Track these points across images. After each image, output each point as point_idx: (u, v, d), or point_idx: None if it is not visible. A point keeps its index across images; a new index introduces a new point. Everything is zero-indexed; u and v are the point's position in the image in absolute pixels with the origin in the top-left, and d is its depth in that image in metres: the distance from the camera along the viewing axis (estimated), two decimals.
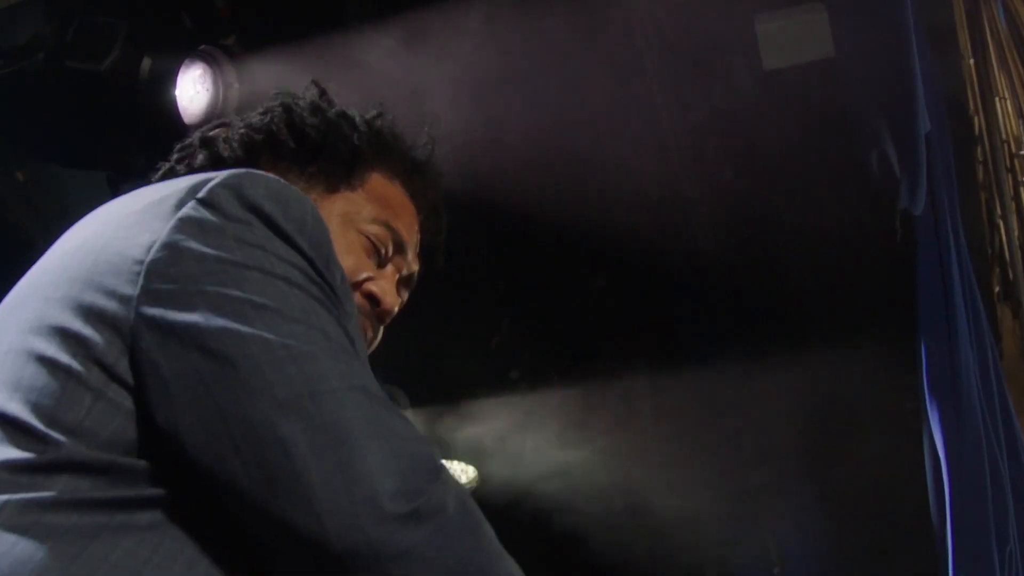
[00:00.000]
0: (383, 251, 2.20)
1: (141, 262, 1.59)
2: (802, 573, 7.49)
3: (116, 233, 1.67)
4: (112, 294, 1.58)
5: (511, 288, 7.67)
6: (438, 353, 6.96)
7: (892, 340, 6.53)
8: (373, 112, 2.35)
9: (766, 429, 6.91)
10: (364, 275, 2.15)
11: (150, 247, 1.60)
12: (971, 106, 6.95)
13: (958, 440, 6.07)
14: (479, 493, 8.08)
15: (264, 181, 1.72)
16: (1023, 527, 6.09)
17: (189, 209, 1.64)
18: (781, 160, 6.42)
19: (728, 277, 7.11)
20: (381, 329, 2.25)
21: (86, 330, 1.57)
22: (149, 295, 1.57)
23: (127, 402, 1.55)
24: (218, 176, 1.70)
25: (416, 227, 2.33)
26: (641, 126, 6.53)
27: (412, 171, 2.37)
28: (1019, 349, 6.88)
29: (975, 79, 6.87)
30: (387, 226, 2.21)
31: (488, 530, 1.63)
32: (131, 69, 5.22)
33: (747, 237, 6.93)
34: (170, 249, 1.60)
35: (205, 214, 1.64)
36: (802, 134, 6.37)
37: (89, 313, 1.58)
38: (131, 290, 1.57)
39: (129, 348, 1.56)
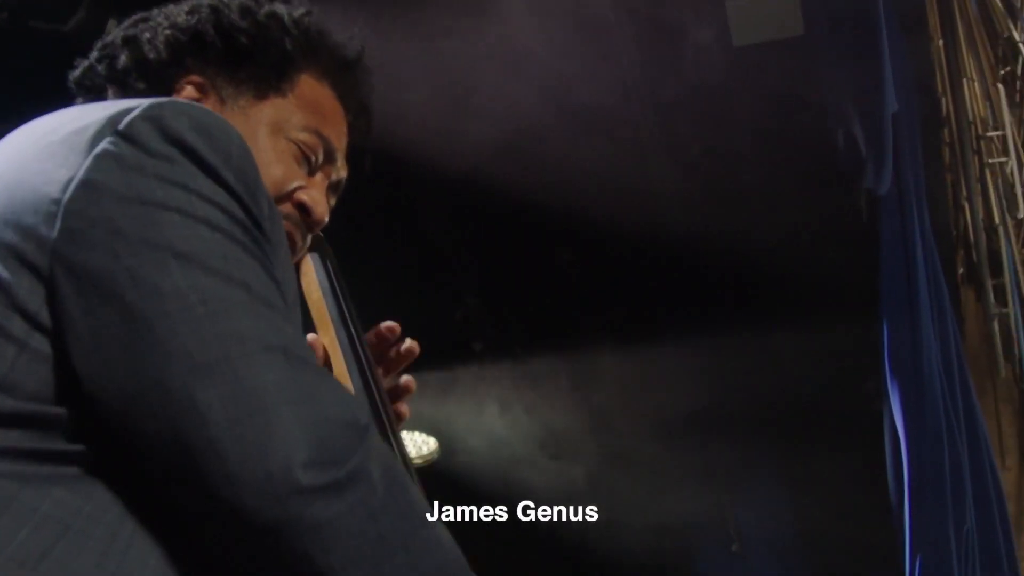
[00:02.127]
0: (313, 159, 2.10)
1: (58, 201, 1.49)
2: (760, 549, 7.52)
3: (32, 166, 1.56)
4: (30, 235, 1.49)
5: (476, 262, 7.62)
6: (404, 324, 6.84)
7: (855, 319, 6.58)
8: (302, 10, 2.21)
9: (728, 406, 6.88)
10: (294, 184, 2.05)
11: (67, 184, 1.50)
12: (939, 87, 6.97)
13: (918, 421, 6.11)
14: (440, 464, 8.06)
15: (187, 111, 1.60)
16: (980, 508, 6.09)
17: (108, 144, 1.53)
18: (749, 138, 6.37)
19: (693, 253, 7.03)
20: (309, 237, 2.14)
21: (6, 274, 1.48)
22: (66, 238, 1.47)
23: (51, 353, 1.47)
24: (138, 107, 1.58)
25: (345, 130, 2.22)
26: (610, 102, 6.45)
27: (342, 71, 2.25)
28: (981, 332, 6.94)
29: (944, 60, 6.90)
30: (318, 134, 2.10)
31: (416, 496, 1.56)
32: (96, 30, 5.08)
33: (713, 213, 6.85)
34: (88, 188, 1.49)
35: (125, 149, 1.53)
36: (770, 112, 6.32)
37: (8, 255, 1.49)
38: (48, 231, 1.48)
39: (48, 295, 1.47)
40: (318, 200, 2.10)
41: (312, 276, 2.25)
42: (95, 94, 2.09)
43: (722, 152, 6.41)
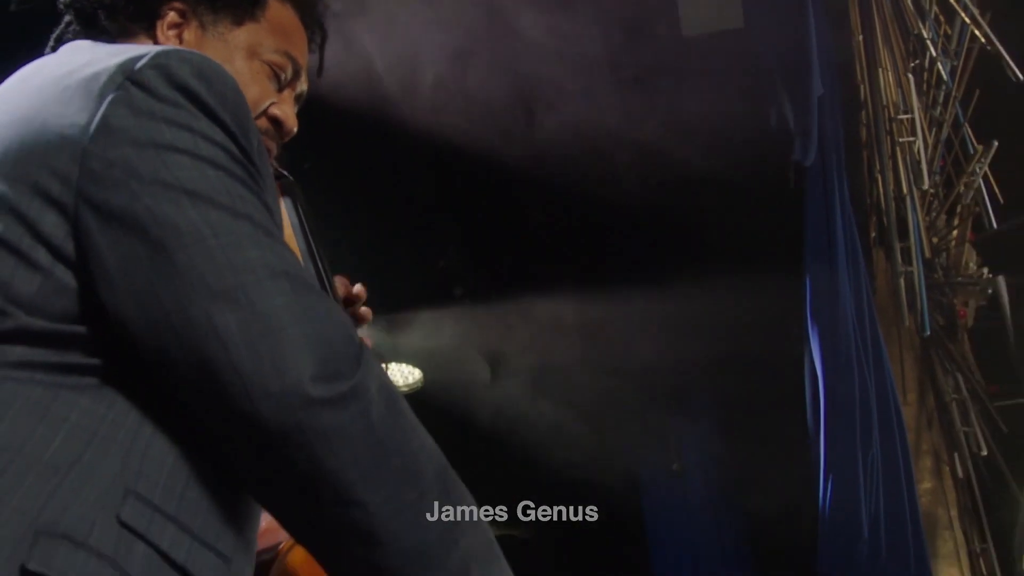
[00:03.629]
0: (283, 77, 2.16)
1: (80, 144, 1.57)
2: (698, 468, 7.55)
3: (53, 108, 1.63)
4: (55, 174, 1.57)
5: (458, 217, 7.81)
6: (393, 270, 6.96)
7: (782, 273, 6.77)
8: None
9: (672, 347, 6.97)
10: (268, 101, 2.12)
11: (87, 128, 1.58)
12: (858, 76, 7.23)
13: (833, 361, 6.41)
14: (422, 393, 8.28)
15: (189, 58, 1.67)
16: (884, 437, 6.34)
17: (121, 90, 1.61)
18: (696, 115, 6.49)
19: (646, 214, 7.23)
20: (280, 146, 2.22)
21: (32, 211, 1.56)
22: (89, 178, 1.56)
23: (74, 281, 1.55)
24: (146, 55, 1.66)
25: (306, 48, 2.29)
26: (577, 83, 6.62)
27: None
28: (889, 287, 7.11)
29: (862, 53, 7.14)
30: (287, 54, 2.17)
31: (406, 408, 1.65)
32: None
33: (664, 180, 7.04)
34: (105, 132, 1.57)
35: (136, 95, 1.61)
36: (714, 93, 6.51)
37: (35, 192, 1.57)
38: (72, 172, 1.56)
39: (73, 229, 1.55)
40: (288, 114, 2.17)
41: (284, 217, 2.30)
42: (85, 19, 2.07)
43: (672, 127, 6.52)
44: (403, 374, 8.38)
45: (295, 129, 2.19)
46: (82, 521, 1.43)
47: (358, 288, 2.51)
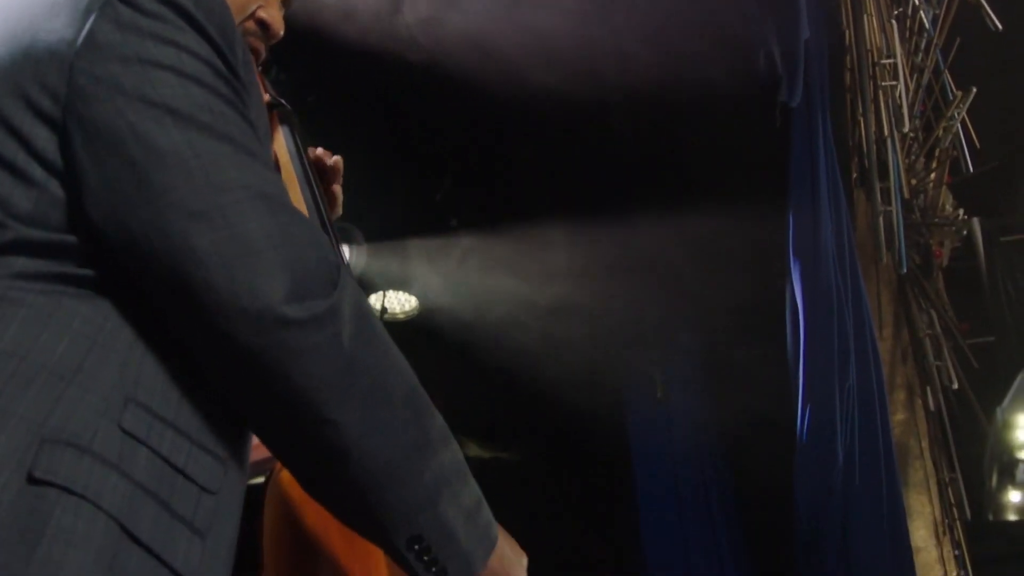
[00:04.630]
0: None
1: (67, 59, 1.55)
2: (680, 397, 7.61)
3: (44, 24, 1.60)
4: (45, 88, 1.55)
5: (454, 152, 7.80)
6: (391, 202, 7.01)
7: (767, 210, 6.79)
8: None
9: (659, 278, 6.99)
10: (255, 6, 2.11)
11: (74, 42, 1.56)
12: (843, 21, 7.21)
13: (814, 295, 6.44)
14: (418, 319, 8.35)
15: None
16: (860, 369, 6.37)
17: (107, 5, 1.58)
18: (687, 57, 6.44)
19: (636, 151, 7.25)
20: (269, 49, 2.20)
21: (25, 126, 1.55)
22: (76, 94, 1.54)
23: (64, 194, 1.54)
24: None
25: None
26: (569, 21, 6.53)
27: None
28: (869, 225, 7.13)
29: None
30: None
31: (380, 329, 1.66)
32: None
33: (654, 119, 7.02)
34: (92, 47, 1.55)
35: (122, 10, 1.58)
36: (705, 37, 6.48)
37: (28, 107, 1.55)
38: (61, 87, 1.54)
39: (62, 144, 1.54)
40: (275, 17, 2.15)
41: (282, 142, 2.37)
42: None
43: (665, 69, 6.46)
44: (400, 302, 8.41)
45: (281, 32, 2.17)
46: (86, 428, 1.43)
47: (335, 159, 2.53)
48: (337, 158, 2.55)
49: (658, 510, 7.47)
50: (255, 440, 1.72)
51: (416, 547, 1.66)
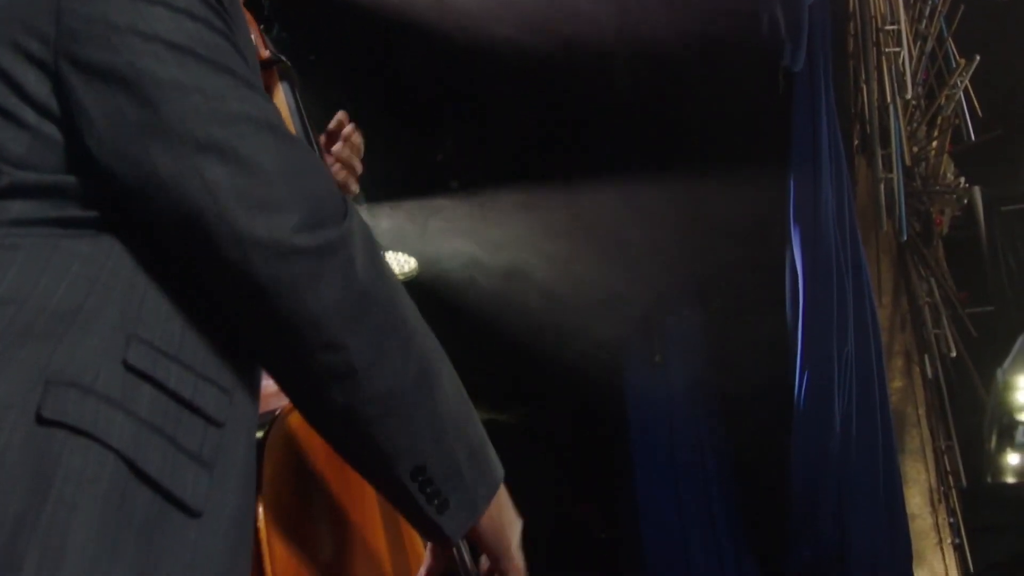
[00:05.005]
0: None
1: (56, 1, 1.54)
2: (678, 361, 7.58)
3: None
4: (33, 32, 1.54)
5: (455, 112, 7.78)
6: (392, 162, 6.99)
7: (767, 173, 6.77)
8: None
9: (658, 241, 6.96)
10: None
11: None
12: None
13: (814, 261, 6.45)
14: (418, 280, 8.31)
15: None
16: (859, 335, 6.39)
17: None
18: (691, 19, 6.42)
19: (638, 112, 7.16)
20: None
21: (16, 70, 1.54)
22: (68, 36, 1.53)
23: (62, 136, 1.54)
24: None
25: None
26: None
27: None
28: (870, 193, 7.13)
29: None
30: None
31: (386, 264, 1.68)
32: None
33: (658, 81, 6.96)
34: None
35: None
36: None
37: (16, 51, 1.54)
38: (50, 30, 1.53)
39: (55, 87, 1.54)
40: None
41: (282, 98, 2.44)
42: None
43: (668, 30, 6.42)
44: (399, 262, 8.38)
45: None
46: (88, 368, 1.44)
47: (341, 115, 2.60)
48: (358, 139, 2.63)
49: (654, 473, 7.46)
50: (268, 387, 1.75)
51: (420, 478, 1.67)
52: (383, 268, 1.66)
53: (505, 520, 1.85)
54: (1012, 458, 6.64)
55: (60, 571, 1.33)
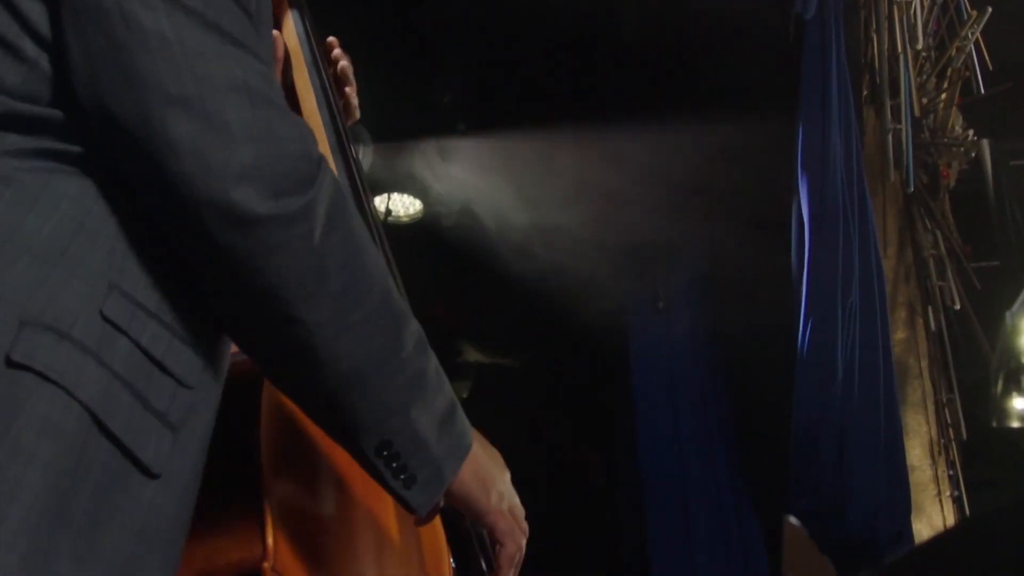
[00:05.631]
0: None
1: None
2: (682, 307, 7.65)
3: None
4: None
5: (463, 55, 7.71)
6: (399, 103, 6.99)
7: (776, 120, 6.77)
8: None
9: (665, 185, 6.94)
10: None
11: None
12: None
13: (820, 209, 6.41)
14: (423, 222, 8.33)
15: None
16: (863, 285, 6.36)
17: None
18: None
19: (648, 57, 7.19)
20: None
21: (20, 1, 1.52)
22: None
23: (54, 69, 1.51)
24: None
25: None
26: None
27: None
28: (877, 143, 7.07)
29: None
30: None
31: (357, 230, 1.64)
32: None
33: (666, 25, 6.97)
34: None
35: None
36: None
37: None
38: None
39: (51, 20, 1.51)
40: None
41: (291, 27, 2.42)
42: None
43: None
44: (404, 205, 8.40)
45: None
46: (67, 313, 1.42)
47: (343, 65, 2.57)
48: (345, 63, 2.57)
49: (655, 419, 7.50)
50: None
51: (385, 453, 1.65)
52: (351, 235, 1.62)
53: (479, 481, 1.82)
54: (1018, 403, 6.58)
55: (8, 517, 1.30)
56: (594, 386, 8.56)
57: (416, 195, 8.27)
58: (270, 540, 1.75)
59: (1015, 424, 6.50)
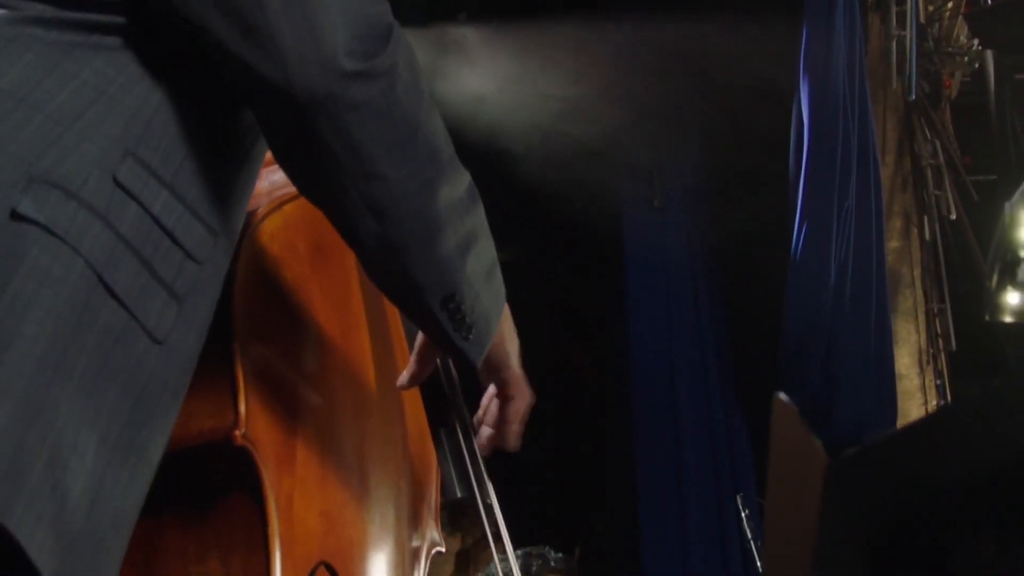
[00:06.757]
0: None
1: None
2: (678, 205, 7.62)
3: None
4: None
5: None
6: None
7: (779, 23, 6.70)
8: None
9: (662, 81, 6.87)
10: None
11: None
12: None
13: (822, 111, 6.40)
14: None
15: None
16: (860, 191, 6.36)
17: None
18: None
19: None
20: None
21: None
22: None
23: None
24: None
25: None
26: None
27: None
28: (881, 49, 7.04)
29: None
30: None
31: (426, 89, 1.65)
32: None
33: None
34: None
35: None
36: None
37: None
38: None
39: None
40: None
41: None
42: None
43: None
44: None
45: None
46: (78, 173, 1.39)
47: None
48: None
49: (647, 318, 7.50)
50: None
51: (450, 306, 1.71)
52: (425, 94, 1.64)
53: (509, 332, 1.91)
54: (1012, 297, 6.55)
55: (2, 363, 1.28)
56: (588, 282, 8.54)
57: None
58: (242, 407, 1.76)
59: (1008, 319, 6.49)
